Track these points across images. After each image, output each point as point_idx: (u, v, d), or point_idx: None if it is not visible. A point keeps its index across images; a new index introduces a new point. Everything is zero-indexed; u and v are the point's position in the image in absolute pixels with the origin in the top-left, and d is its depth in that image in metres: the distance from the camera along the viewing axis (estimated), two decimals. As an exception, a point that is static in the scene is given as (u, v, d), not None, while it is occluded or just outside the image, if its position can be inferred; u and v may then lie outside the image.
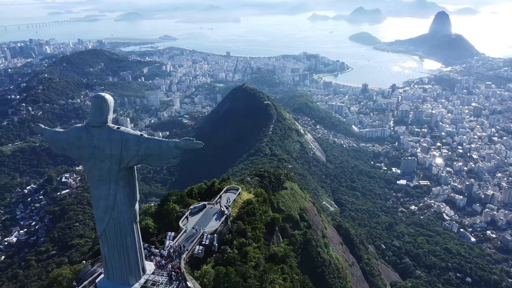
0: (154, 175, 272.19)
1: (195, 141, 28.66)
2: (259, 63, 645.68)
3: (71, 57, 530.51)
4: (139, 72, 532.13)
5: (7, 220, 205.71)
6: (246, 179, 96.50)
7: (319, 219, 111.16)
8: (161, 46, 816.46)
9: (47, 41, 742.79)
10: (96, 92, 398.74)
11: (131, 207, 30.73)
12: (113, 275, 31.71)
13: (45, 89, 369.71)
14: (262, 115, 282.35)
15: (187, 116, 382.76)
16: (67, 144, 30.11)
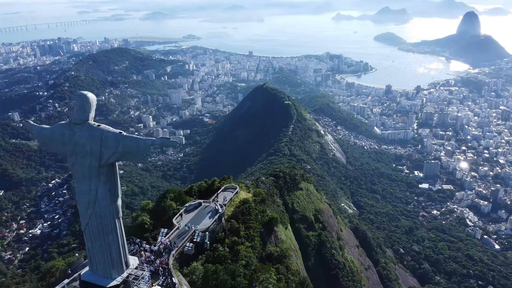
0: (174, 173, 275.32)
1: (172, 140, 29.02)
2: (281, 63, 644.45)
3: (97, 55, 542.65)
4: (163, 71, 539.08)
5: (32, 212, 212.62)
6: (261, 179, 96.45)
7: (334, 221, 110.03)
8: (184, 45, 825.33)
9: (75, 40, 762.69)
10: (121, 89, 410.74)
11: (112, 203, 31.12)
12: (96, 268, 32.42)
13: (71, 86, 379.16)
14: (282, 115, 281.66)
15: (208, 114, 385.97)
16: (51, 141, 31.01)
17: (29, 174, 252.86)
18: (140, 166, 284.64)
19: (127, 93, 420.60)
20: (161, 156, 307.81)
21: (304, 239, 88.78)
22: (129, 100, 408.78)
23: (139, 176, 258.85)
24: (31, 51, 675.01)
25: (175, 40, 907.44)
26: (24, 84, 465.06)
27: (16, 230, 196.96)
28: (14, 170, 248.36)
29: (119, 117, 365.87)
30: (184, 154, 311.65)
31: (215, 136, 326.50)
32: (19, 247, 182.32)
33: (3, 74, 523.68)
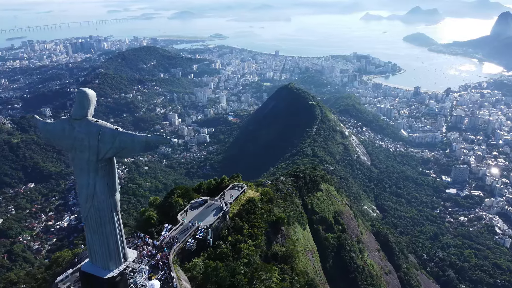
0: (197, 170, 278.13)
1: (165, 137, 29.96)
2: (307, 62, 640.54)
3: (126, 53, 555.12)
4: (189, 69, 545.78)
5: (60, 205, 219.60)
6: (280, 179, 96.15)
7: (355, 224, 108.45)
8: (211, 44, 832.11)
9: (105, 38, 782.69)
10: (148, 87, 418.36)
11: (110, 197, 31.83)
12: (95, 259, 33.31)
13: (100, 84, 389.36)
14: (306, 115, 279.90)
15: (232, 113, 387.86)
16: (53, 135, 31.99)
17: (58, 167, 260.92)
18: (164, 162, 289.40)
19: (154, 91, 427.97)
20: (185, 153, 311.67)
21: (323, 241, 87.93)
22: (155, 97, 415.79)
23: (163, 172, 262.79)
24: (63, 49, 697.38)
25: (202, 39, 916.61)
26: (56, 80, 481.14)
27: (44, 222, 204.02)
28: (45, 164, 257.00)
29: (145, 114, 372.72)
30: (208, 152, 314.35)
31: (239, 135, 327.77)
32: (47, 238, 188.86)
33: (37, 71, 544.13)
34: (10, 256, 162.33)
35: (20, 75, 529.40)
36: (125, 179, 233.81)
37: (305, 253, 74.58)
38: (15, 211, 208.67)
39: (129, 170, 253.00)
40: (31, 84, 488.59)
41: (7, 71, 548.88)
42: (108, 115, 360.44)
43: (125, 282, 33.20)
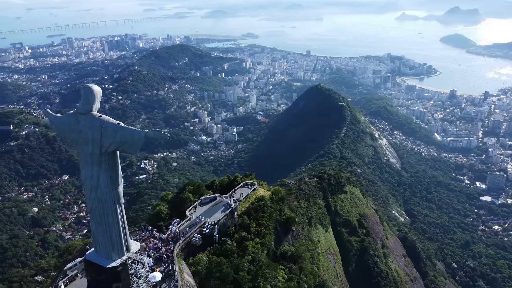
0: (225, 168, 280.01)
1: (163, 132, 31.05)
2: (339, 63, 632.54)
3: (159, 51, 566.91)
4: (220, 68, 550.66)
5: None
6: (304, 179, 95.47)
7: (380, 228, 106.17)
8: (243, 43, 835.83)
9: (140, 36, 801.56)
10: (180, 85, 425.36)
11: (113, 189, 32.83)
12: (99, 249, 34.42)
13: (134, 81, 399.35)
14: (335, 116, 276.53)
15: (261, 113, 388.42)
16: (61, 128, 33.70)
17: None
18: (193, 159, 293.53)
19: (185, 89, 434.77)
20: (214, 151, 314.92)
21: (346, 244, 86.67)
22: (186, 95, 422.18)
23: (191, 169, 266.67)
24: (100, 46, 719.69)
25: (234, 38, 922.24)
26: (92, 77, 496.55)
27: (77, 213, 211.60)
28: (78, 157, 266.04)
29: (176, 112, 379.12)
30: (236, 150, 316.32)
31: (267, 135, 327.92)
32: (78, 228, 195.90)
33: (74, 67, 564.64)
34: (44, 244, 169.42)
35: (59, 71, 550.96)
36: (154, 175, 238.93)
37: (326, 255, 73.81)
38: (49, 201, 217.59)
39: (158, 165, 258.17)
40: (68, 79, 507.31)
41: (47, 67, 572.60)
42: (140, 112, 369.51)
43: (127, 272, 34.21)
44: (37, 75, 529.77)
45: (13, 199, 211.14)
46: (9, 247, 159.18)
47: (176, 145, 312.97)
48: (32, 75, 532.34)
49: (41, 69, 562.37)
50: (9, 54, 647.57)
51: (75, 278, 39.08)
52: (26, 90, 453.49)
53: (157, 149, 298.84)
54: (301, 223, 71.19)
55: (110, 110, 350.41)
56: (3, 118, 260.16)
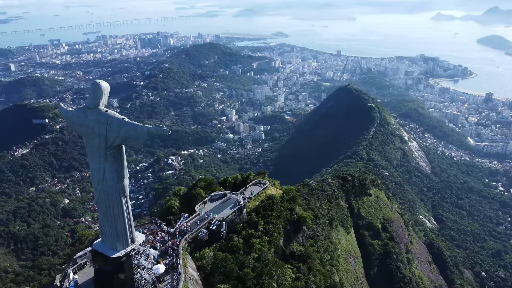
0: (250, 167, 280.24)
1: (164, 128, 31.99)
2: (370, 63, 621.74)
3: (190, 49, 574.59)
4: (249, 67, 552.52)
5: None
6: (327, 180, 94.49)
7: (405, 232, 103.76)
8: (272, 42, 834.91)
9: (172, 34, 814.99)
10: (209, 83, 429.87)
11: (119, 182, 34.14)
12: (105, 239, 35.88)
13: (164, 78, 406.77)
14: (364, 117, 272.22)
15: (289, 112, 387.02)
16: (71, 122, 35.10)
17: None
18: (219, 157, 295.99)
19: (214, 87, 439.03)
20: (240, 149, 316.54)
21: (368, 247, 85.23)
22: (215, 93, 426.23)
23: (217, 167, 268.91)
24: (133, 44, 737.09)
25: (264, 37, 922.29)
26: (124, 73, 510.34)
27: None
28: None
29: (204, 109, 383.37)
30: (262, 149, 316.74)
31: (294, 134, 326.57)
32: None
33: (108, 64, 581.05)
34: (73, 235, 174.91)
35: (93, 67, 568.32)
36: (180, 171, 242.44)
37: (346, 257, 72.88)
38: (80, 193, 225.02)
39: (185, 162, 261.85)
40: (102, 76, 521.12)
41: (82, 63, 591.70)
42: (169, 108, 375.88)
43: (130, 263, 35.21)
44: (73, 71, 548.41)
45: (46, 190, 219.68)
46: (40, 236, 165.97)
47: (203, 142, 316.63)
48: (68, 70, 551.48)
49: (76, 65, 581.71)
50: (47, 50, 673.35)
51: (84, 266, 40.66)
52: (62, 85, 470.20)
53: (185, 146, 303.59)
54: (321, 224, 70.65)
55: (141, 107, 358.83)
56: (39, 112, 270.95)
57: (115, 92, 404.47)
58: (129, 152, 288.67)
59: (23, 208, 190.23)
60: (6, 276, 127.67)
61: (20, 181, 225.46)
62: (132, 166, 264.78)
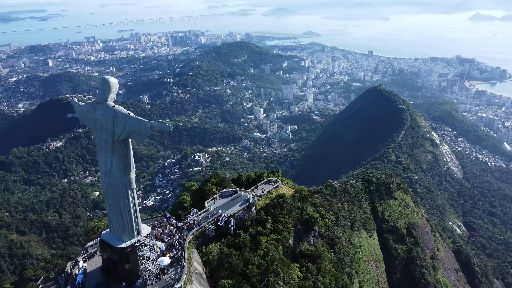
0: (276, 166, 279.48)
1: (166, 124, 32.81)
2: (402, 64, 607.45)
3: (220, 47, 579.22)
4: (279, 66, 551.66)
5: (148, 186, 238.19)
6: (350, 182, 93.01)
7: (431, 238, 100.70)
8: (303, 41, 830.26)
9: (203, 32, 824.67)
10: (238, 81, 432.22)
11: (125, 175, 34.86)
12: (113, 230, 36.91)
13: (194, 75, 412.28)
14: (393, 119, 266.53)
15: (317, 112, 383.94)
16: (81, 116, 35.89)
17: (150, 151, 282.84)
18: (246, 155, 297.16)
19: (243, 85, 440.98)
20: (267, 148, 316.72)
21: (391, 251, 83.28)
22: (243, 92, 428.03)
23: (243, 165, 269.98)
24: (165, 41, 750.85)
25: (294, 36, 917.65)
26: (155, 70, 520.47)
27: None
28: (138, 146, 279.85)
29: (232, 107, 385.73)
30: (289, 149, 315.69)
31: (322, 134, 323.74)
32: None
33: (140, 61, 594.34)
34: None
35: (126, 64, 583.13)
36: (206, 167, 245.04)
37: (367, 260, 71.52)
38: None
39: (211, 159, 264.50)
40: (134, 72, 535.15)
41: (115, 60, 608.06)
42: (198, 106, 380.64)
43: (135, 254, 35.98)
44: (106, 67, 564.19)
45: (78, 182, 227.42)
46: (71, 226, 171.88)
47: (230, 140, 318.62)
48: (102, 67, 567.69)
49: (110, 61, 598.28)
50: (82, 47, 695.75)
51: (94, 255, 41.86)
52: (96, 81, 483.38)
53: (212, 143, 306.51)
54: (342, 226, 69.63)
55: (170, 103, 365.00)
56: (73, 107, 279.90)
57: (146, 89, 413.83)
58: (157, 147, 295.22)
59: (56, 199, 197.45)
60: (37, 263, 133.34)
61: (54, 173, 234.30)
62: (160, 162, 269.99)
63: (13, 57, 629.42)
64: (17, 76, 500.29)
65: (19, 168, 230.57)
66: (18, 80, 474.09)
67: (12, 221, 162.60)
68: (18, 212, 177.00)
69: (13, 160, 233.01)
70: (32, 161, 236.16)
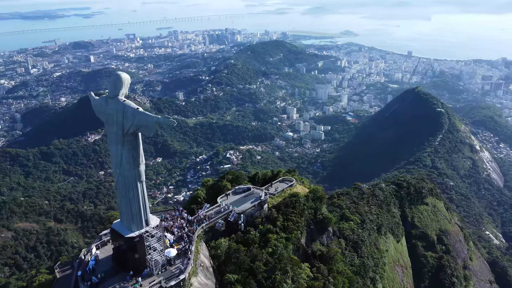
0: (307, 166, 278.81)
1: (171, 119, 33.72)
2: (443, 66, 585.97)
3: (256, 46, 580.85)
4: (314, 65, 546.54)
5: (179, 181, 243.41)
6: (379, 185, 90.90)
7: (464, 247, 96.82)
8: (340, 41, 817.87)
9: (239, 31, 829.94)
10: (272, 80, 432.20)
11: (135, 167, 36.54)
12: (123, 220, 38.81)
13: (228, 73, 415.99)
14: (431, 122, 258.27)
15: (352, 113, 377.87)
16: (96, 110, 37.60)
17: (183, 147, 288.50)
18: (277, 154, 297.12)
19: (277, 84, 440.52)
20: (299, 148, 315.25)
21: (420, 258, 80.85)
22: (277, 90, 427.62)
23: (274, 164, 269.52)
24: (202, 39, 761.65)
25: (331, 36, 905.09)
26: (191, 68, 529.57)
27: (165, 193, 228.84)
28: (172, 142, 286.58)
29: (265, 106, 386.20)
30: (321, 149, 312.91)
31: (355, 136, 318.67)
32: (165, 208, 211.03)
33: (177, 58, 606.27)
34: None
35: (163, 61, 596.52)
36: (237, 165, 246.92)
37: (393, 266, 69.73)
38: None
39: (243, 157, 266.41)
40: (171, 70, 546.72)
41: (153, 57, 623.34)
42: (232, 104, 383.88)
43: (142, 244, 37.52)
44: (145, 64, 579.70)
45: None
46: (105, 217, 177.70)
47: (262, 139, 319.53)
48: (140, 64, 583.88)
49: (148, 58, 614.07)
50: (123, 44, 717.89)
51: (107, 243, 43.74)
52: (134, 77, 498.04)
53: (244, 141, 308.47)
54: (368, 230, 68.26)
55: (204, 101, 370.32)
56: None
57: (182, 86, 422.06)
58: (191, 144, 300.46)
59: (92, 189, 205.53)
60: (72, 250, 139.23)
61: (91, 165, 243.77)
62: (193, 158, 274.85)
63: (58, 52, 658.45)
64: (61, 71, 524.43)
65: (59, 159, 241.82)
66: (61, 74, 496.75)
67: (51, 209, 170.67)
68: (56, 201, 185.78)
69: (54, 151, 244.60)
70: (71, 152, 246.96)
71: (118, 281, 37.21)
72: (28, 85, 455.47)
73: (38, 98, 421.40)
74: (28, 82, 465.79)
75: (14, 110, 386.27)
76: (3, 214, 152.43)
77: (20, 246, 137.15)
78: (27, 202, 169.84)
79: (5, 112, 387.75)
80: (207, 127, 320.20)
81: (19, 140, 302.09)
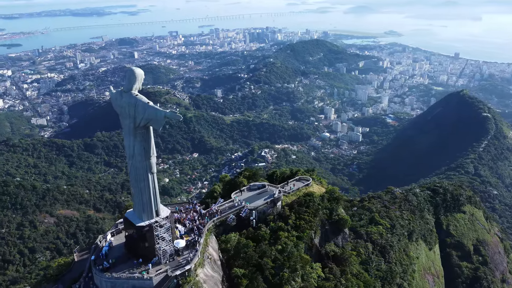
0: (343, 168, 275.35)
1: (177, 114, 35.37)
2: (493, 69, 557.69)
3: (296, 45, 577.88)
4: (355, 65, 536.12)
5: (214, 177, 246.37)
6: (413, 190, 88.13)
7: (503, 259, 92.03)
8: (383, 41, 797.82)
9: (280, 29, 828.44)
10: (310, 80, 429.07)
11: (146, 159, 38.42)
12: (135, 209, 40.74)
13: (267, 72, 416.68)
14: (475, 128, 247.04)
15: (392, 115, 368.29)
16: (113, 102, 39.61)
17: (219, 143, 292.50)
18: (312, 155, 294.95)
19: (315, 84, 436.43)
20: (335, 149, 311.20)
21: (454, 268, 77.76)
22: (316, 90, 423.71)
23: (308, 164, 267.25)
24: (242, 37, 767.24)
25: (374, 36, 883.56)
26: (231, 65, 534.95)
27: (199, 189, 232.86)
28: (209, 138, 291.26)
29: (303, 106, 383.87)
30: (358, 151, 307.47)
31: (394, 139, 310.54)
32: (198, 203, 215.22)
33: (217, 56, 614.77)
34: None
35: (204, 59, 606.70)
36: (272, 164, 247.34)
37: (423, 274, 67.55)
38: (179, 174, 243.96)
39: (277, 156, 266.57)
40: (211, 67, 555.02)
41: (194, 54, 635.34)
42: (269, 102, 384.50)
43: (152, 233, 39.30)
44: (186, 61, 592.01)
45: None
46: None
47: (298, 138, 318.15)
48: (181, 60, 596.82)
49: (189, 55, 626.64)
50: (166, 41, 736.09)
51: (121, 231, 45.83)
52: (175, 73, 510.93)
53: (280, 140, 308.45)
54: (398, 235, 66.52)
55: (242, 98, 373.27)
56: (152, 97, 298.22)
57: (220, 83, 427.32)
58: (227, 140, 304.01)
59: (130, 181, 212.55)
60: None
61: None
62: (228, 154, 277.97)
63: (104, 48, 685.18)
64: (106, 66, 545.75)
65: (101, 151, 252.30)
66: (107, 70, 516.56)
67: (91, 198, 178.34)
68: (96, 191, 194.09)
69: (97, 143, 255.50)
70: (112, 145, 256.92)
71: (128, 267, 39.31)
72: (75, 79, 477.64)
73: (84, 91, 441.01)
74: (76, 76, 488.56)
75: (62, 103, 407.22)
76: (47, 201, 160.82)
77: (61, 232, 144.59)
78: (69, 190, 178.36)
79: (53, 104, 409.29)
80: (243, 124, 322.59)
81: (65, 131, 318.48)
